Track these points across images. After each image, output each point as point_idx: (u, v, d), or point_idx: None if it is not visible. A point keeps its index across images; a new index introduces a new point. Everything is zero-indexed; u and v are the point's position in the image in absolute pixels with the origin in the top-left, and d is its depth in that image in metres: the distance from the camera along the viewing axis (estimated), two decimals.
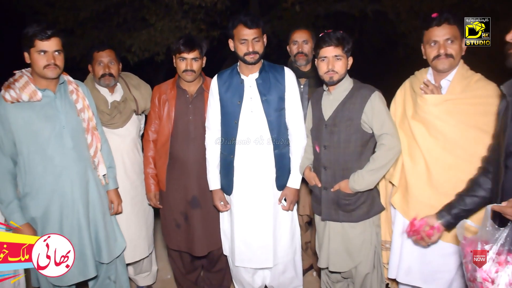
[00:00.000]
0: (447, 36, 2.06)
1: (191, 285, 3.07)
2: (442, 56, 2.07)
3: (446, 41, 2.06)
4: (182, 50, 2.58)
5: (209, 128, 2.61)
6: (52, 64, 2.19)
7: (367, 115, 2.21)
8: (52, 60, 2.19)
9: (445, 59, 2.07)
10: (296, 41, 2.92)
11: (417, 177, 2.17)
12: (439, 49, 2.07)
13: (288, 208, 2.55)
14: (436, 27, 2.07)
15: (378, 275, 2.42)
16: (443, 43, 2.07)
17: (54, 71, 2.21)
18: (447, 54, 2.06)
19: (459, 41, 2.08)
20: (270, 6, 8.19)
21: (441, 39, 2.07)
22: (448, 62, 2.07)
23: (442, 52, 2.06)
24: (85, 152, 2.39)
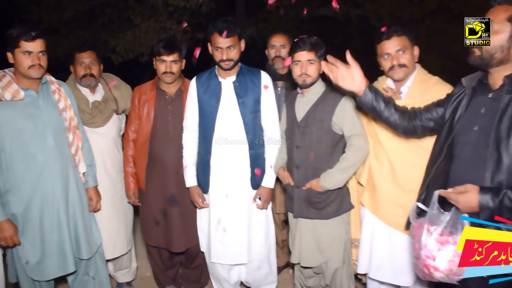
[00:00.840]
0: (398, 47, 2.19)
1: (170, 281, 3.15)
2: (396, 66, 2.20)
3: (397, 52, 2.19)
4: (162, 53, 2.66)
5: (186, 128, 2.69)
6: (37, 64, 2.25)
7: (337, 117, 2.31)
8: (37, 60, 2.25)
9: (399, 69, 2.20)
10: (274, 45, 3.01)
11: (383, 177, 2.29)
12: (392, 60, 2.20)
13: (262, 207, 2.64)
14: (386, 41, 2.20)
15: (348, 271, 2.52)
16: (395, 55, 2.20)
17: (39, 71, 2.27)
18: (400, 64, 2.19)
19: (410, 50, 2.21)
20: (256, 9, 8.28)
21: (393, 51, 2.20)
22: (402, 71, 2.20)
23: (395, 63, 2.20)
24: (66, 150, 2.44)
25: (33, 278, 2.42)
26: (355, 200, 2.52)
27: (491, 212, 1.55)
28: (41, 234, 2.36)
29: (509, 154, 1.57)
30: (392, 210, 2.27)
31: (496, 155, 1.60)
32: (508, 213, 1.53)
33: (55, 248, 2.39)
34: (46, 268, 2.39)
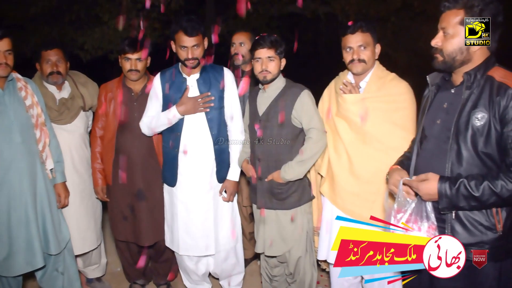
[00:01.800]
0: (360, 43, 2.31)
1: (139, 275, 3.20)
2: (356, 61, 2.31)
3: (359, 48, 2.31)
4: (127, 51, 2.71)
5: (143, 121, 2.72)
6: (3, 63, 2.28)
7: (297, 111, 2.42)
8: (4, 59, 2.28)
9: (358, 63, 2.32)
10: (234, 42, 3.10)
11: (341, 168, 2.40)
12: (353, 54, 2.32)
13: (228, 199, 2.73)
14: (350, 35, 2.32)
15: (311, 259, 2.64)
16: (357, 49, 2.31)
17: (5, 70, 2.30)
18: (360, 59, 2.31)
19: (371, 47, 2.34)
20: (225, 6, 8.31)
21: (355, 45, 2.31)
22: (360, 66, 2.32)
23: (355, 57, 2.31)
24: (33, 146, 2.47)
25: (0, 274, 2.43)
26: (316, 191, 2.64)
27: (449, 200, 1.63)
28: (9, 230, 2.39)
29: (467, 147, 1.67)
30: (350, 199, 2.39)
31: (456, 147, 1.69)
32: (464, 201, 1.62)
33: (23, 243, 2.41)
34: (14, 264, 2.41)
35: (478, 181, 1.60)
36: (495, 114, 1.62)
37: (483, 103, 1.65)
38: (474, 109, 1.66)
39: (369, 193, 2.34)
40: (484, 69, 1.70)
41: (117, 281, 3.39)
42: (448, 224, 1.73)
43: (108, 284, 3.32)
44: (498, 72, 1.69)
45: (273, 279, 2.80)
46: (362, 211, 2.36)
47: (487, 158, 1.66)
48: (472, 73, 1.70)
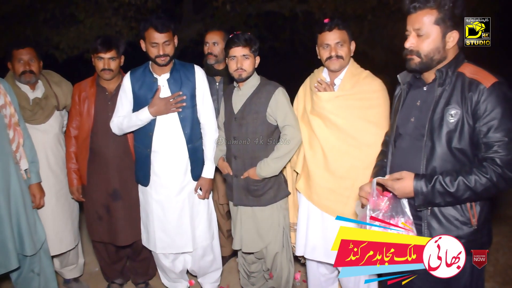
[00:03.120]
0: (337, 40, 2.35)
1: (118, 274, 3.19)
2: (334, 57, 2.35)
3: (336, 44, 2.35)
4: (99, 50, 2.69)
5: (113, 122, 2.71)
6: None
7: (271, 108, 2.45)
8: None
9: (336, 60, 2.35)
10: (207, 42, 3.08)
11: (317, 164, 2.44)
12: (331, 51, 2.35)
13: (204, 197, 2.74)
14: (327, 32, 2.35)
15: (287, 254, 2.68)
16: (334, 46, 2.35)
17: None
18: (338, 55, 2.35)
19: (347, 44, 2.38)
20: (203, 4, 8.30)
21: (332, 42, 2.35)
22: (338, 62, 2.36)
23: (333, 54, 2.35)
24: (7, 147, 2.44)
25: None
26: (291, 187, 2.68)
27: (425, 197, 1.66)
28: None
29: (441, 143, 1.70)
30: (325, 195, 2.43)
31: (430, 144, 1.73)
32: (440, 197, 1.65)
33: None
34: None
35: (452, 177, 1.63)
36: (467, 110, 1.65)
37: (455, 99, 1.68)
38: (447, 105, 1.69)
39: (344, 188, 2.38)
40: (455, 66, 1.73)
41: (95, 281, 3.37)
42: (425, 221, 1.76)
43: (86, 285, 3.30)
44: (468, 69, 1.72)
45: (251, 275, 2.83)
46: (337, 206, 2.41)
47: (460, 153, 1.69)
48: (443, 70, 1.72)
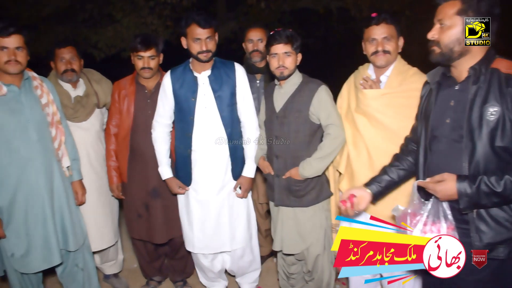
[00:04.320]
0: (385, 35, 2.26)
1: (156, 272, 3.21)
2: (380, 52, 2.26)
3: (383, 39, 2.26)
4: (139, 49, 2.70)
5: (158, 122, 2.71)
6: (13, 60, 2.27)
7: (314, 107, 2.38)
8: (13, 56, 2.27)
9: (383, 55, 2.27)
10: (251, 39, 3.03)
11: (361, 164, 2.36)
12: (377, 46, 2.27)
13: (242, 196, 2.71)
14: (375, 26, 2.27)
15: (329, 256, 2.60)
16: (381, 41, 2.26)
17: (15, 67, 2.29)
18: (385, 50, 2.26)
19: (395, 39, 2.29)
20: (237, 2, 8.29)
21: (379, 37, 2.26)
22: (385, 58, 2.27)
23: (380, 49, 2.26)
24: (49, 145, 2.47)
25: (19, 271, 2.45)
26: (334, 187, 2.60)
27: (470, 198, 1.59)
28: (26, 227, 2.40)
29: (482, 143, 1.63)
30: None
31: (471, 145, 1.65)
32: (486, 198, 1.58)
33: (40, 241, 2.42)
34: (31, 260, 2.43)
35: (498, 176, 1.56)
36: (507, 106, 1.59)
37: (493, 96, 1.62)
38: (485, 103, 1.63)
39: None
40: (488, 62, 1.67)
41: (134, 278, 3.40)
42: (472, 225, 1.68)
43: (125, 280, 3.34)
44: (502, 64, 1.66)
45: (290, 277, 2.78)
46: (382, 209, 2.32)
47: (504, 152, 1.62)
48: (477, 67, 1.66)
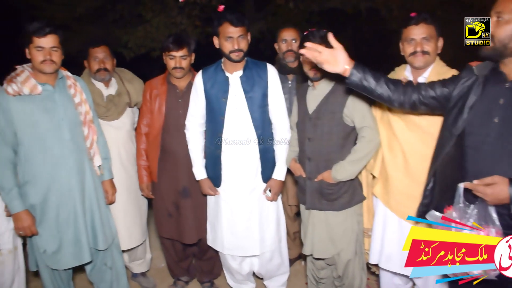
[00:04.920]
0: (424, 35, 2.19)
1: (184, 272, 3.21)
2: (419, 53, 2.19)
3: (422, 39, 2.19)
4: (171, 48, 2.69)
5: (191, 121, 2.70)
6: (48, 59, 2.30)
7: (348, 109, 2.32)
8: (48, 56, 2.29)
9: (421, 56, 2.19)
10: (285, 39, 2.99)
11: (396, 168, 2.30)
12: (416, 46, 2.20)
13: (272, 199, 2.66)
14: (414, 26, 2.20)
15: (360, 262, 2.55)
16: (420, 41, 2.19)
17: (51, 66, 2.32)
18: (424, 51, 2.19)
19: (435, 39, 2.21)
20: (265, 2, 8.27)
21: (418, 37, 2.19)
22: (423, 59, 2.20)
23: (418, 49, 2.19)
24: (82, 143, 2.49)
25: (50, 267, 2.49)
26: (366, 191, 2.54)
27: None
28: (58, 225, 2.42)
29: None
30: (404, 201, 2.28)
31: None
32: None
33: (71, 238, 2.44)
34: (62, 257, 2.46)
35: None
36: None
37: None
38: None
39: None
40: None
41: (161, 277, 3.41)
42: None
43: (153, 279, 3.34)
44: None
45: (320, 281, 2.73)
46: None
47: None
48: None
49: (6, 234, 2.53)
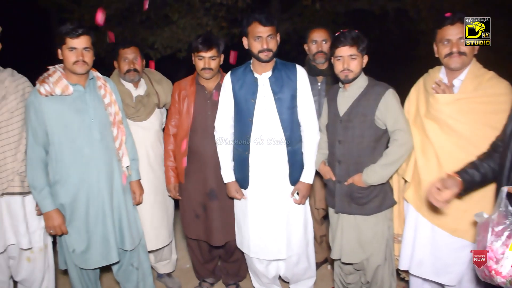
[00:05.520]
0: (460, 35, 2.11)
1: (209, 274, 3.20)
2: (455, 54, 2.12)
3: (459, 40, 2.12)
4: (200, 49, 2.68)
5: (220, 123, 2.69)
6: (81, 60, 2.32)
7: (381, 111, 2.27)
8: (81, 56, 2.32)
9: (458, 57, 2.12)
10: (315, 40, 2.95)
11: (430, 173, 2.23)
12: (452, 47, 2.13)
13: (300, 202, 2.63)
14: (449, 26, 2.13)
15: (390, 268, 2.49)
16: (456, 42, 2.12)
17: (83, 67, 2.34)
18: (460, 52, 2.11)
19: None
20: (291, 3, 8.24)
21: (454, 37, 2.12)
22: (460, 60, 2.13)
23: (454, 50, 2.12)
24: (111, 144, 2.51)
25: (79, 266, 2.51)
26: (397, 196, 2.48)
27: None
28: (87, 225, 2.44)
29: None
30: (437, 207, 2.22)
31: None
32: None
33: (99, 238, 2.46)
34: (90, 257, 2.48)
35: None
36: None
37: None
38: None
39: (459, 201, 2.15)
40: None
41: (186, 278, 3.41)
42: None
43: (178, 280, 3.35)
44: None
45: (347, 286, 2.68)
46: (450, 221, 2.19)
47: None
48: None
49: (37, 233, 2.57)
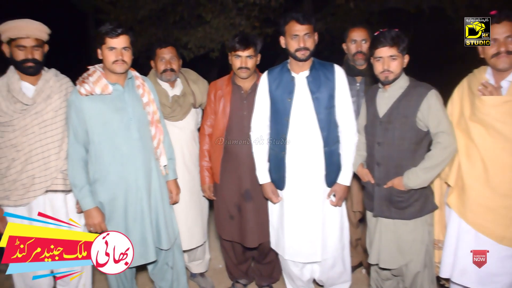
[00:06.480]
0: (508, 33, 2.02)
1: (242, 275, 3.18)
2: (503, 53, 2.03)
3: (506, 39, 2.02)
4: (237, 48, 2.67)
5: (256, 123, 2.67)
6: (120, 60, 2.35)
7: (423, 113, 2.20)
8: (120, 56, 2.35)
9: (506, 57, 2.03)
10: (355, 40, 2.89)
11: (475, 178, 2.15)
12: (499, 46, 2.03)
13: (336, 204, 2.58)
14: (495, 25, 2.03)
15: (429, 274, 2.41)
16: (504, 41, 2.03)
17: (122, 66, 2.37)
18: (508, 51, 2.02)
19: None
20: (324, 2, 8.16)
21: (501, 36, 2.03)
22: (508, 60, 2.03)
23: (502, 49, 2.02)
24: (149, 143, 2.53)
25: None
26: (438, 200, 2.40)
27: None
28: (125, 223, 2.46)
29: None
30: (482, 214, 2.13)
31: None
32: None
33: (137, 237, 2.48)
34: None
35: None
36: None
37: None
38: None
39: (507, 208, 2.06)
40: None
41: (219, 278, 3.41)
42: None
43: (211, 280, 3.35)
44: None
45: None
46: (496, 228, 2.11)
47: None
48: None
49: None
